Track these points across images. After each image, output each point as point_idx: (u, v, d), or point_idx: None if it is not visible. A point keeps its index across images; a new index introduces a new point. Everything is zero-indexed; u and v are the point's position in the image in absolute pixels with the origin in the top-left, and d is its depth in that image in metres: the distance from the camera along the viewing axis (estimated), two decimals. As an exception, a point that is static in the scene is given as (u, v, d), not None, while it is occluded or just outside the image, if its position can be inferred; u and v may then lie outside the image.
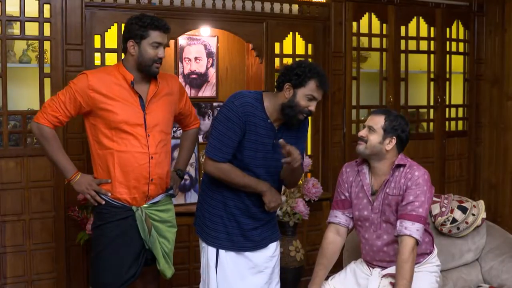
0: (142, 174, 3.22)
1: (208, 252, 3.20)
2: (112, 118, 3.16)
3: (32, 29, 4.15)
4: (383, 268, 3.22)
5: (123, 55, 3.36)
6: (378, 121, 3.21)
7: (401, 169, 3.19)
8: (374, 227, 3.23)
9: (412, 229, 3.02)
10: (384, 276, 3.18)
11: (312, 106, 3.06)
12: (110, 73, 3.24)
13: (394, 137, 3.20)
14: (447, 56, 5.73)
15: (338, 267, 3.55)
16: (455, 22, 5.76)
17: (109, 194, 3.22)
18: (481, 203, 3.87)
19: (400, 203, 3.10)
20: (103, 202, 3.23)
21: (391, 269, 3.16)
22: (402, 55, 5.47)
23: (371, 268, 3.28)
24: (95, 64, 4.31)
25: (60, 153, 3.25)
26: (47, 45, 4.19)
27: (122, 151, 3.19)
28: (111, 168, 3.20)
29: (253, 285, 3.26)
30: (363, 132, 3.23)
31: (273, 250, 3.35)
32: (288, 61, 5.05)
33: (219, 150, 3.03)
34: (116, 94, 3.18)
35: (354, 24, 5.25)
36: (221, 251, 3.18)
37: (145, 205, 3.28)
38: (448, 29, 5.72)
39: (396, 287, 3.00)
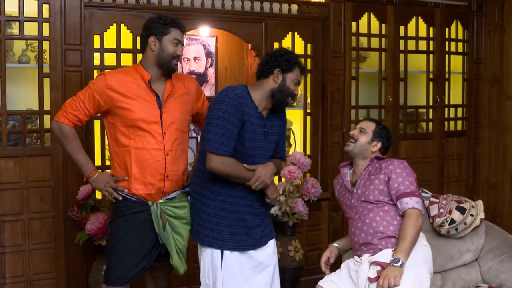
0: (158, 170, 3.28)
1: (212, 255, 3.20)
2: (130, 116, 3.23)
3: (31, 29, 4.16)
4: (371, 252, 3.33)
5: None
6: (370, 125, 3.65)
7: (381, 161, 3.54)
8: (355, 210, 3.49)
9: (412, 202, 3.32)
10: (372, 263, 3.27)
11: (297, 90, 3.26)
12: (128, 73, 3.32)
13: (380, 142, 3.60)
14: (446, 56, 5.74)
15: (337, 267, 3.57)
16: (454, 22, 5.77)
17: (126, 191, 3.28)
18: (480, 204, 3.87)
19: (390, 187, 3.40)
20: (120, 198, 3.29)
21: (380, 256, 3.28)
22: (401, 55, 5.47)
23: (361, 258, 3.39)
24: (94, 64, 4.31)
25: (80, 151, 3.32)
26: (46, 45, 4.19)
27: (138, 148, 3.25)
28: (128, 165, 3.27)
29: (258, 284, 3.28)
30: (354, 132, 3.63)
31: (272, 247, 3.39)
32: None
33: (221, 144, 3.06)
34: (133, 93, 3.25)
35: (353, 24, 5.25)
36: (226, 252, 3.19)
37: (160, 201, 3.33)
38: (447, 29, 5.72)
39: (397, 247, 3.22)
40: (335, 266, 3.61)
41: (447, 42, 5.73)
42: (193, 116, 3.62)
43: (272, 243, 3.39)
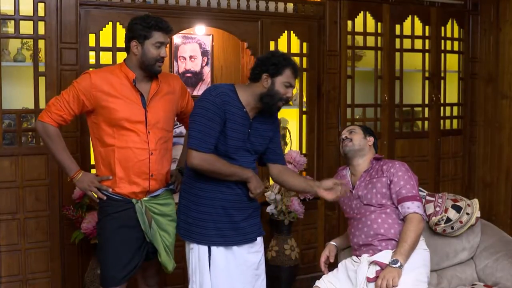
0: (142, 169, 3.27)
1: (199, 252, 3.20)
2: (114, 115, 3.22)
3: (26, 27, 4.14)
4: (371, 253, 3.35)
5: (122, 55, 3.41)
6: (355, 127, 3.75)
7: (380, 162, 3.58)
8: (357, 211, 3.51)
9: (413, 207, 3.35)
10: (371, 263, 3.28)
11: (289, 93, 3.21)
12: (113, 72, 3.30)
13: (372, 137, 3.69)
14: (442, 54, 5.75)
15: (334, 266, 3.57)
16: (450, 21, 5.78)
17: (110, 190, 3.27)
18: (475, 202, 3.87)
19: (391, 190, 3.43)
20: (105, 198, 3.28)
21: (379, 256, 3.29)
22: (397, 54, 5.48)
23: (359, 258, 3.40)
24: (90, 63, 4.30)
25: (64, 152, 3.29)
26: (41, 43, 4.18)
27: (122, 147, 3.24)
28: (112, 165, 3.26)
29: (244, 280, 3.28)
30: (346, 134, 3.68)
31: (259, 244, 3.39)
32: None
33: (203, 141, 3.07)
34: (118, 92, 3.24)
35: (349, 22, 5.25)
36: (213, 248, 3.19)
37: (145, 198, 3.33)
38: (443, 28, 5.73)
39: (397, 249, 3.25)
40: (332, 265, 3.61)
41: (442, 41, 5.75)
42: (178, 115, 3.62)
43: (260, 240, 3.39)
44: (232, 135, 3.15)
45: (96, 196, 3.30)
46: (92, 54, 4.34)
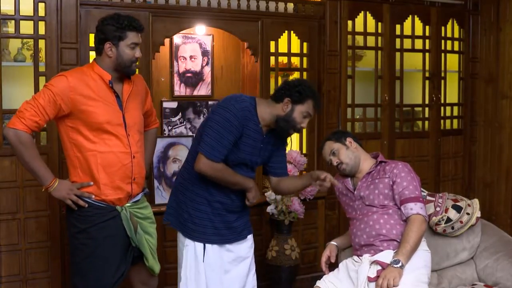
0: (126, 173, 3.24)
1: (195, 248, 3.25)
2: (94, 119, 3.13)
3: (26, 27, 4.14)
4: (372, 253, 3.35)
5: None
6: (330, 145, 3.62)
7: (383, 164, 3.56)
8: (360, 212, 3.52)
9: (416, 208, 3.35)
10: (373, 262, 3.29)
11: (305, 123, 3.25)
12: (87, 73, 3.21)
13: (348, 138, 3.62)
14: (442, 54, 5.75)
15: (335, 266, 3.57)
16: (450, 20, 5.78)
17: (93, 196, 3.19)
18: (476, 202, 3.87)
19: (394, 191, 3.41)
20: (86, 205, 3.18)
21: (380, 256, 3.30)
22: (397, 54, 5.48)
23: (361, 258, 3.40)
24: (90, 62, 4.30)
25: (39, 160, 3.15)
26: (42, 43, 4.17)
27: (105, 152, 3.17)
28: (94, 171, 3.17)
29: (237, 275, 3.37)
30: (334, 161, 3.58)
31: (251, 241, 3.48)
32: (283, 59, 5.06)
33: (216, 150, 3.08)
34: (96, 95, 3.15)
35: (349, 22, 5.25)
36: (208, 246, 3.26)
37: (127, 204, 3.30)
38: (443, 28, 5.74)
39: (399, 249, 3.24)
40: (332, 265, 3.61)
41: (443, 41, 5.75)
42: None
43: (250, 237, 3.47)
44: (244, 148, 3.18)
45: (75, 204, 3.17)
46: (92, 54, 4.29)
